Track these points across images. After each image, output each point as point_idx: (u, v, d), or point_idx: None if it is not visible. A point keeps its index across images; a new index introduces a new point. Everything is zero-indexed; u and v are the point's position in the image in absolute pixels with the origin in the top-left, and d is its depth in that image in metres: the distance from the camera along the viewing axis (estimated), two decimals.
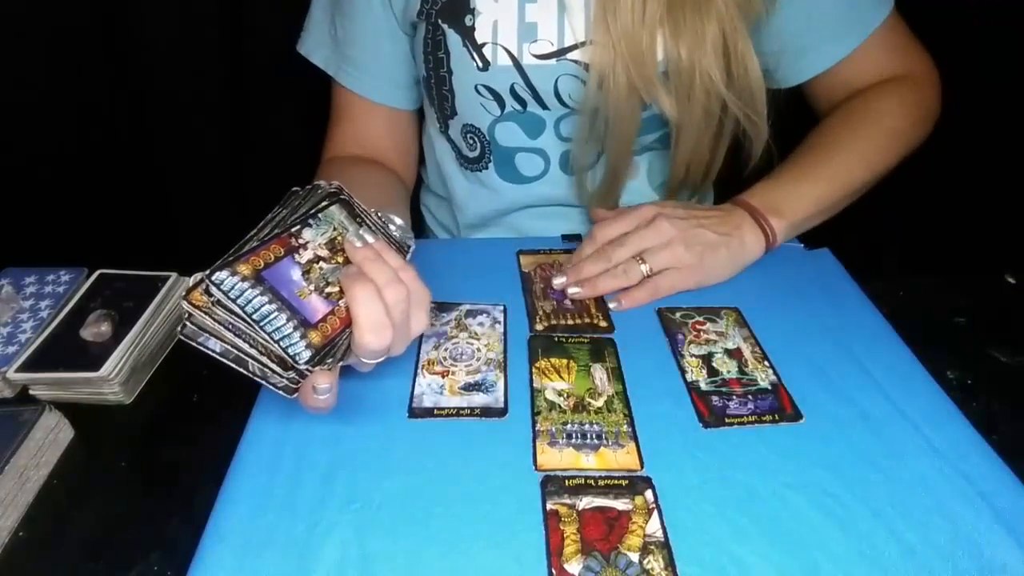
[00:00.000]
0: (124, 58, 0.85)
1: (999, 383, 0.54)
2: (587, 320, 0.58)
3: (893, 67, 0.69)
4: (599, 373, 0.52)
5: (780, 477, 0.43)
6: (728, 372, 0.52)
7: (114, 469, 0.50)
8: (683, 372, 0.52)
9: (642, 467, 0.44)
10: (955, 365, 0.55)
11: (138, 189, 0.96)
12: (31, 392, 0.55)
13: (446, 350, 0.54)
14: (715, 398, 0.49)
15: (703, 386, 0.51)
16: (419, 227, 0.90)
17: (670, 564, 0.38)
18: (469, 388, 0.51)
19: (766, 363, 0.53)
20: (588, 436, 0.47)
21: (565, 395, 0.50)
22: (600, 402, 0.49)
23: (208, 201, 0.98)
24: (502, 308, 0.59)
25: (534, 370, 0.52)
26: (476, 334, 0.56)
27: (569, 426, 0.47)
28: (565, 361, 0.53)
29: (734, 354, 0.54)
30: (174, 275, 0.63)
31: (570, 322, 0.58)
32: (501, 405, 0.49)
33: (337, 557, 0.39)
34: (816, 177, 0.64)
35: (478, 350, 0.54)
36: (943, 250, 0.90)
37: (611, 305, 0.59)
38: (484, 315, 0.58)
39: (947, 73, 0.71)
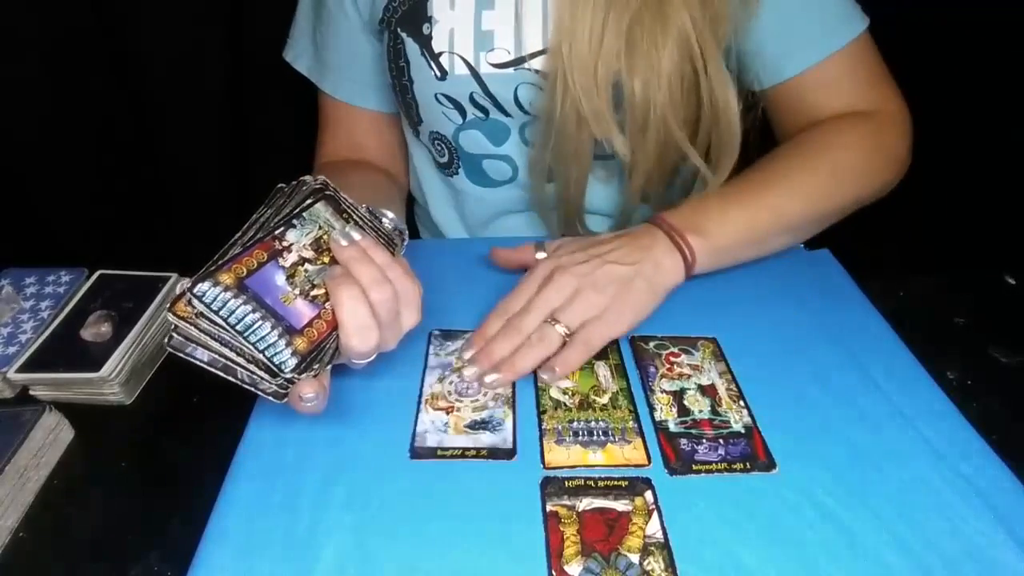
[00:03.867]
0: (124, 58, 0.85)
1: (999, 383, 0.54)
2: None
3: (859, 98, 0.64)
4: (603, 370, 0.52)
5: (780, 478, 0.43)
6: (700, 412, 0.48)
7: (114, 469, 0.51)
8: (652, 409, 0.48)
9: (650, 462, 0.44)
10: (955, 365, 0.55)
11: (138, 189, 0.96)
12: (31, 392, 0.55)
13: (451, 383, 0.51)
14: (683, 440, 0.46)
15: (672, 427, 0.47)
16: (415, 233, 0.90)
17: (670, 565, 0.38)
18: (475, 426, 0.48)
19: (741, 403, 0.49)
20: (595, 433, 0.46)
21: (570, 393, 0.50)
22: (605, 399, 0.49)
23: (208, 201, 0.98)
24: None
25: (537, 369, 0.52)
26: None
27: (575, 424, 0.47)
28: None
29: (708, 391, 0.50)
30: (174, 275, 0.63)
31: None
32: (509, 446, 0.46)
33: (337, 557, 0.39)
34: (749, 203, 0.58)
35: None
36: (943, 250, 0.90)
37: (544, 377, 0.50)
38: None
39: (946, 73, 0.71)
